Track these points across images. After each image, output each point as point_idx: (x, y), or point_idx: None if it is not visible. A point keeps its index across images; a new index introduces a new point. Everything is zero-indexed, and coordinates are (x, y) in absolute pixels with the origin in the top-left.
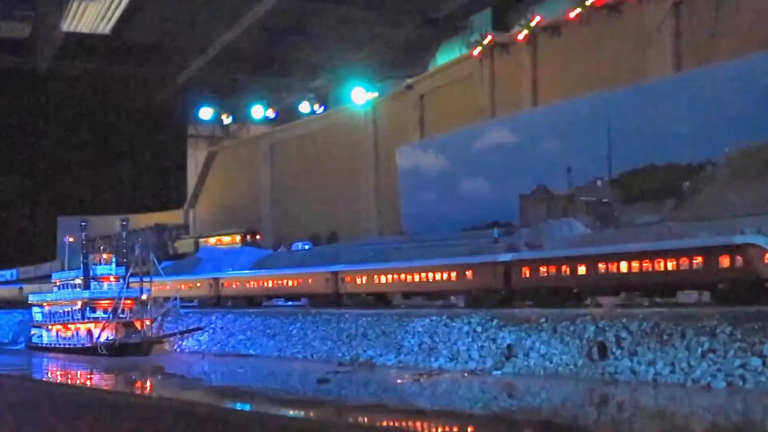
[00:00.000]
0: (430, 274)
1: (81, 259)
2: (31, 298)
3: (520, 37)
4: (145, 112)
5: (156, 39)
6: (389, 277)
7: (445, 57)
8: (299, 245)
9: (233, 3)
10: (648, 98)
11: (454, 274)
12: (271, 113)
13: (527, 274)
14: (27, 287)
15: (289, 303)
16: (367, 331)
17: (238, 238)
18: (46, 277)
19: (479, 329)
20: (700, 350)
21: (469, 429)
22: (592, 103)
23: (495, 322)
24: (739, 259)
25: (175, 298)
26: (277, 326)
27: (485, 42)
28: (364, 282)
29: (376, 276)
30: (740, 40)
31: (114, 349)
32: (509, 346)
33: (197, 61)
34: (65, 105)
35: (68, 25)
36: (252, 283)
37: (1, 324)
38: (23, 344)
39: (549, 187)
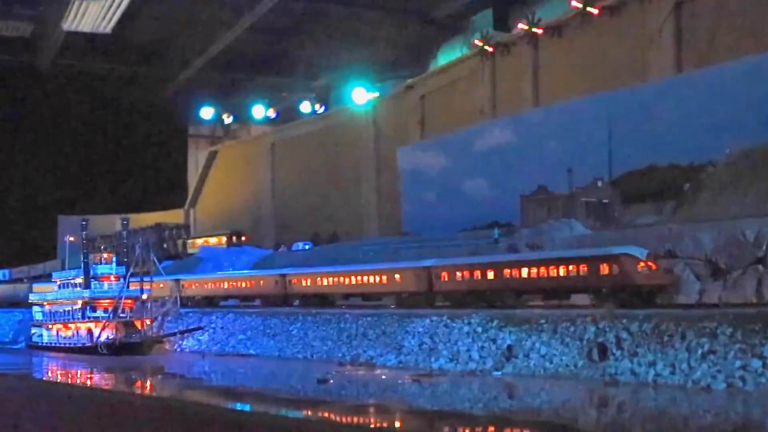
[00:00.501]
0: (366, 277)
1: (81, 258)
2: (32, 298)
3: (521, 37)
4: (146, 111)
5: (157, 38)
6: (330, 279)
7: (446, 57)
8: (300, 245)
9: (234, 3)
10: (649, 99)
11: (385, 278)
12: (272, 113)
13: (446, 278)
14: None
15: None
16: (368, 331)
17: (224, 239)
18: (40, 277)
19: (479, 330)
20: (700, 351)
21: (469, 429)
22: (593, 103)
23: (495, 322)
24: (615, 267)
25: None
26: (278, 326)
27: (487, 43)
28: (308, 284)
29: (319, 278)
30: (740, 41)
31: (114, 348)
32: (509, 347)
33: (198, 61)
34: (66, 104)
35: (70, 24)
36: (210, 284)
37: (1, 323)
38: (23, 343)
39: (549, 188)
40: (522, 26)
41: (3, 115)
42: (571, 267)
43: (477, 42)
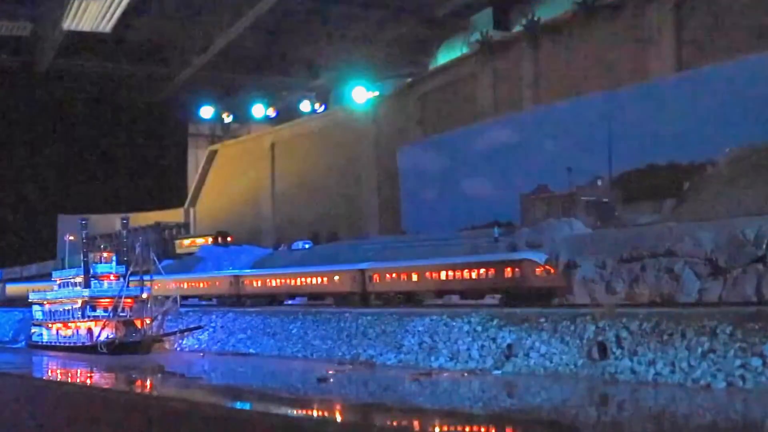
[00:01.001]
0: (309, 279)
1: (81, 257)
2: (32, 297)
3: (521, 36)
4: (146, 110)
5: (157, 37)
6: (278, 280)
7: (446, 56)
8: (299, 244)
9: (234, 1)
10: (649, 98)
11: (326, 279)
12: (271, 112)
13: (378, 280)
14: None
15: (203, 303)
16: (367, 330)
17: (210, 239)
18: (33, 278)
19: (479, 329)
20: (700, 350)
21: (469, 428)
22: (593, 102)
23: (495, 321)
24: (517, 270)
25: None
26: (277, 325)
27: (487, 42)
28: (259, 285)
29: (268, 279)
30: (741, 41)
31: (114, 347)
32: (509, 346)
33: (198, 60)
34: (66, 103)
35: (69, 23)
36: (172, 285)
37: (1, 322)
38: (23, 343)
39: (549, 187)
40: (522, 25)
41: (2, 114)
42: (481, 270)
43: (477, 41)
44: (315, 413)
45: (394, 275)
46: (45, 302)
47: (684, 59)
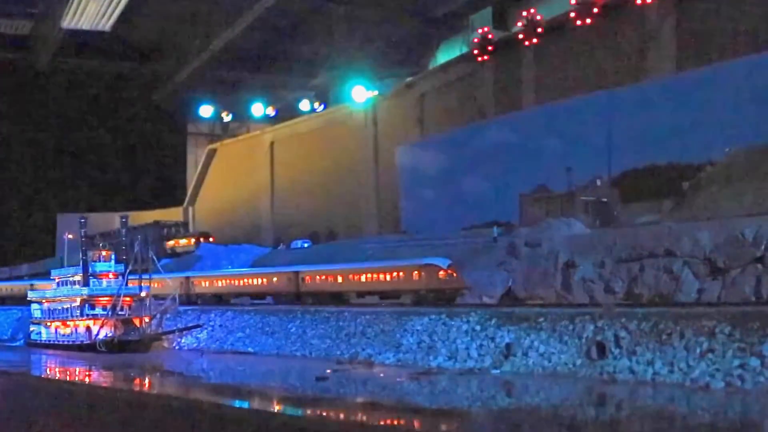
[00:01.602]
0: (250, 280)
1: (80, 256)
2: (30, 295)
3: (521, 36)
4: (145, 109)
5: (156, 36)
6: (224, 281)
7: (445, 56)
8: (298, 243)
9: (234, 1)
10: (648, 98)
11: (265, 280)
12: (271, 111)
13: (309, 281)
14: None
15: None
16: (366, 329)
17: (192, 240)
18: (21, 277)
19: (478, 328)
20: (698, 350)
21: (468, 427)
22: (593, 102)
23: (494, 321)
24: (424, 274)
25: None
26: (276, 324)
27: (486, 42)
28: (207, 285)
29: (215, 280)
30: (740, 40)
31: (113, 346)
32: (508, 345)
33: (197, 59)
34: (65, 102)
35: (69, 22)
36: None
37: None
38: (22, 341)
39: (549, 187)
40: (521, 25)
41: (1, 112)
42: (395, 274)
43: (476, 40)
44: (314, 412)
45: (323, 277)
46: (44, 300)
47: (683, 59)
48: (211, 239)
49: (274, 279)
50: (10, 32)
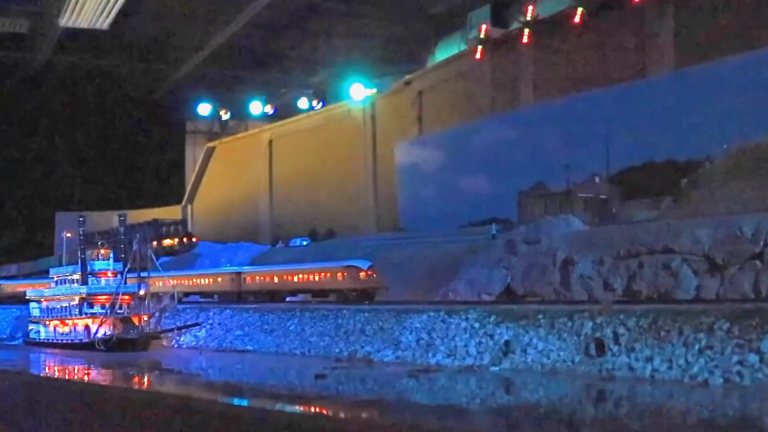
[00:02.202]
0: (198, 279)
1: (78, 254)
2: (29, 294)
3: (519, 33)
4: (143, 107)
5: (154, 34)
6: (175, 281)
7: (444, 53)
8: (297, 241)
9: None
10: (647, 95)
11: (211, 280)
12: (269, 109)
13: (250, 281)
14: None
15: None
16: (365, 327)
17: (176, 240)
18: (14, 278)
19: (477, 325)
20: (697, 346)
21: (467, 424)
22: (591, 99)
23: (493, 318)
24: (346, 274)
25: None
26: (275, 322)
27: (482, 36)
28: (161, 285)
29: (169, 280)
30: (739, 38)
31: (111, 344)
32: (507, 342)
33: (196, 57)
34: (63, 100)
35: (67, 20)
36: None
37: None
38: (21, 340)
39: (547, 184)
40: (520, 22)
41: None
42: (322, 274)
43: (475, 38)
44: (313, 410)
45: (261, 277)
46: (42, 299)
47: (682, 56)
48: (194, 239)
49: (219, 279)
50: (8, 30)
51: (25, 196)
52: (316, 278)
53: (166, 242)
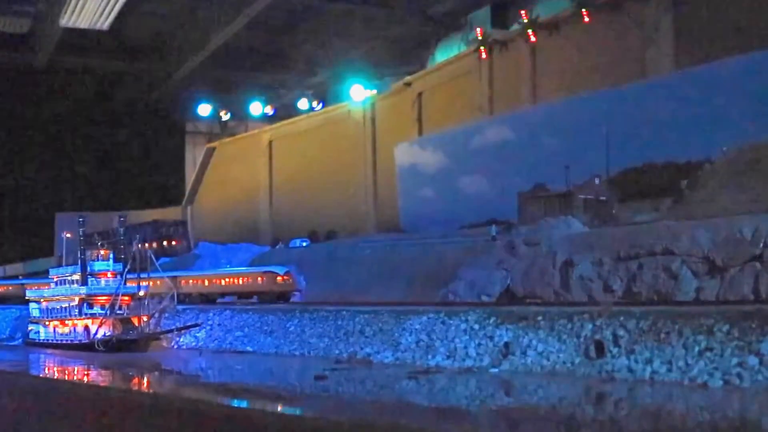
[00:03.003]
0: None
1: (78, 255)
2: (29, 294)
3: (519, 34)
4: (143, 108)
5: (155, 35)
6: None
7: (443, 54)
8: (297, 242)
9: None
10: (646, 96)
11: (151, 284)
12: (269, 110)
13: (184, 283)
14: None
15: None
16: (365, 328)
17: (155, 243)
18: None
19: (476, 327)
20: (697, 348)
21: (467, 426)
22: (591, 100)
23: (492, 319)
24: (265, 279)
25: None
26: (275, 323)
27: (479, 38)
28: None
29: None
30: (739, 38)
31: (111, 345)
32: (506, 344)
33: (196, 58)
34: (63, 101)
35: (67, 20)
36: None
37: None
38: (20, 340)
39: (547, 185)
40: (520, 23)
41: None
42: (245, 278)
43: (474, 39)
44: (313, 411)
45: (195, 281)
46: (42, 300)
47: (682, 57)
48: (174, 243)
49: (158, 282)
50: (8, 31)
51: (24, 196)
52: (241, 282)
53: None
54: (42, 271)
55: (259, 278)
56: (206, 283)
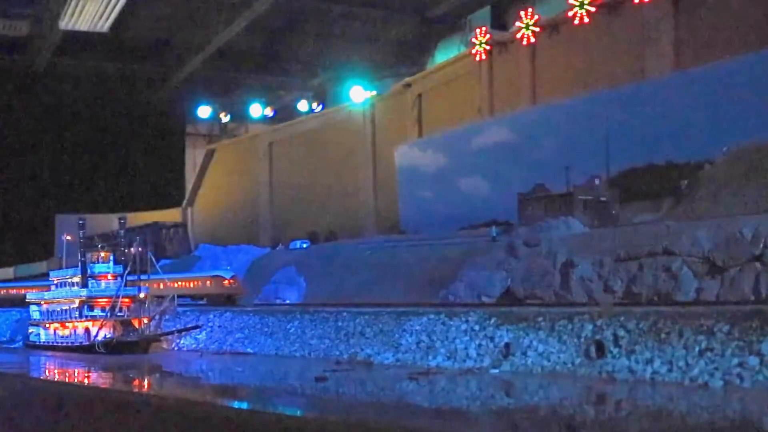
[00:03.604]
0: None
1: (79, 257)
2: (29, 297)
3: (519, 35)
4: (143, 110)
5: (154, 37)
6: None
7: (443, 55)
8: (297, 244)
9: (232, 1)
10: (646, 97)
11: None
12: (269, 111)
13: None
14: None
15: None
16: (365, 329)
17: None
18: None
19: (477, 328)
20: (697, 349)
21: (467, 427)
22: (591, 101)
23: (493, 320)
24: (213, 282)
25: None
26: (275, 324)
27: (481, 39)
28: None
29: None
30: (739, 39)
31: (111, 347)
32: (507, 345)
33: (196, 60)
34: (63, 103)
35: (67, 23)
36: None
37: None
38: (21, 343)
39: (547, 186)
40: (519, 24)
41: (0, 113)
42: (195, 282)
43: (474, 40)
44: (313, 412)
45: (149, 284)
46: (42, 302)
47: (682, 58)
48: (174, 244)
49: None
50: (8, 33)
51: (25, 199)
52: (191, 285)
53: None
54: (35, 275)
55: (208, 282)
56: (161, 286)
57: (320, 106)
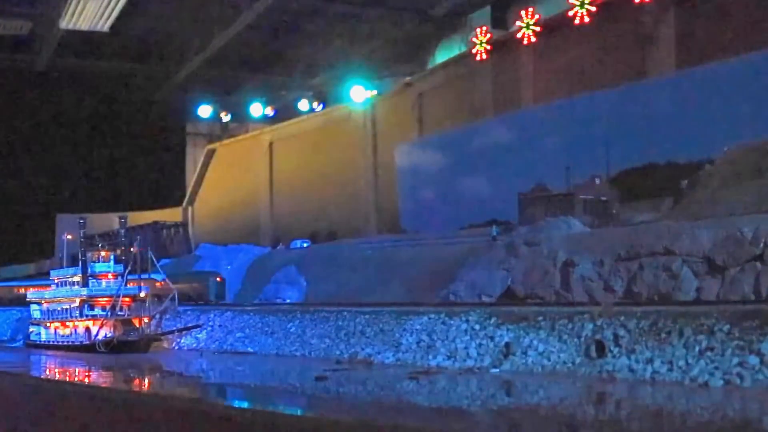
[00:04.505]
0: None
1: (79, 256)
2: (30, 296)
3: (520, 35)
4: (143, 109)
5: (155, 36)
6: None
7: (444, 55)
8: (298, 243)
9: (232, 0)
10: (647, 97)
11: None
12: (269, 111)
13: None
14: None
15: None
16: (365, 328)
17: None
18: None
19: (477, 327)
20: (697, 348)
21: (467, 426)
22: (592, 101)
23: (493, 320)
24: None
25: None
26: (276, 324)
27: (482, 39)
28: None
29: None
30: (739, 39)
31: (112, 346)
32: (507, 344)
33: (196, 59)
34: (64, 103)
35: (67, 22)
36: None
37: None
38: (21, 342)
39: (547, 186)
40: (520, 24)
41: (0, 113)
42: (130, 283)
43: (475, 40)
44: (313, 411)
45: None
46: (43, 301)
47: (683, 57)
48: (174, 244)
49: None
50: (8, 33)
51: (25, 198)
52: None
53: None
54: (18, 277)
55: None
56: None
57: (321, 106)
